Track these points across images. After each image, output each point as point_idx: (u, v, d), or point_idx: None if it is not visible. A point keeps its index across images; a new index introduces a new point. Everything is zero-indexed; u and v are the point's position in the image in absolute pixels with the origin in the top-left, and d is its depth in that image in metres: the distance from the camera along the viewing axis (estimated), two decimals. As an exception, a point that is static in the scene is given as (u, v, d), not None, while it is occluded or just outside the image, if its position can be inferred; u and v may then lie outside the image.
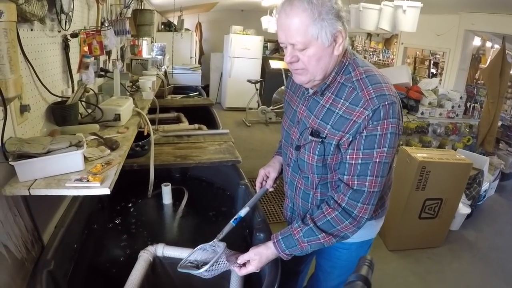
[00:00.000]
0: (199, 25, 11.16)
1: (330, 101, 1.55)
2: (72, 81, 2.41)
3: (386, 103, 1.41)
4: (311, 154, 1.60)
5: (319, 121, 1.57)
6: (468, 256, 4.08)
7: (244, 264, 1.64)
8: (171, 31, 8.65)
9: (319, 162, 1.60)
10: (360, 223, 1.53)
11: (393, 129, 1.44)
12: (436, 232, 4.11)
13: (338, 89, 1.54)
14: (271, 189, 2.05)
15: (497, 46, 6.44)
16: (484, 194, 5.05)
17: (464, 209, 4.44)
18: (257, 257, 1.62)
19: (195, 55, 10.02)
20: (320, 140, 1.56)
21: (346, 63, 1.54)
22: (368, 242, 1.94)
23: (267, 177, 2.03)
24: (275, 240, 1.62)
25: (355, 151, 1.48)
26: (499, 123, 6.36)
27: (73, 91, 2.37)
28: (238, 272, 1.63)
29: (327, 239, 1.55)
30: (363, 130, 1.44)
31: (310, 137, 1.59)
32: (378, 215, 1.84)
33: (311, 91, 1.63)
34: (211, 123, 4.29)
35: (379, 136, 1.43)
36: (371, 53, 11.00)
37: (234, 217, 1.82)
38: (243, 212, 1.85)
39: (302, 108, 1.69)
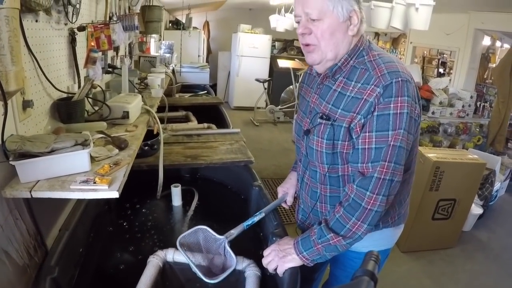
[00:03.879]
0: (207, 24, 11.14)
1: (342, 84, 1.50)
2: (79, 77, 2.32)
3: (400, 79, 1.34)
4: (320, 139, 1.53)
5: (330, 106, 1.51)
6: (481, 257, 4.05)
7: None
8: (179, 29, 8.63)
9: (328, 149, 1.51)
10: (368, 217, 1.41)
11: (408, 108, 1.34)
12: (449, 233, 4.08)
13: (349, 72, 1.49)
14: (289, 204, 2.00)
15: (506, 46, 6.46)
16: (496, 194, 5.03)
17: (476, 209, 4.43)
18: (277, 247, 1.60)
19: (203, 54, 9.97)
20: (330, 122, 1.48)
21: (361, 48, 1.50)
22: (385, 252, 1.83)
23: (287, 193, 1.99)
24: (294, 241, 1.56)
25: (367, 134, 1.39)
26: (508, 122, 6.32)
27: (79, 87, 2.28)
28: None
29: (336, 240, 1.45)
30: (374, 109, 1.36)
31: (319, 120, 1.53)
32: (395, 222, 1.71)
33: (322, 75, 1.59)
34: (220, 122, 4.19)
35: (393, 116, 1.34)
36: (379, 53, 10.91)
37: (248, 221, 1.76)
38: (257, 218, 1.78)
39: (314, 97, 1.64)
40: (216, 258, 1.67)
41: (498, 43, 6.92)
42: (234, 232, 1.69)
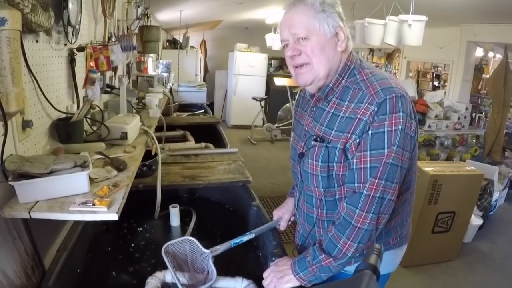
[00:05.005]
0: (204, 43, 11.23)
1: (335, 105, 1.49)
2: (78, 97, 2.32)
3: (393, 95, 1.33)
4: (314, 162, 1.50)
5: (324, 128, 1.49)
6: (483, 268, 4.05)
7: None
8: (177, 48, 8.68)
9: (324, 171, 1.49)
10: (358, 235, 1.39)
11: (402, 125, 1.32)
12: (449, 245, 4.08)
13: (342, 92, 1.48)
14: (282, 229, 1.99)
15: (499, 56, 6.58)
16: (495, 204, 5.05)
17: (476, 220, 4.45)
18: (275, 268, 1.59)
19: (200, 73, 10.01)
20: (324, 144, 1.46)
21: (351, 67, 1.50)
22: (386, 275, 1.80)
23: (281, 218, 1.98)
24: (292, 262, 1.56)
25: (362, 153, 1.37)
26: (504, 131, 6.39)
27: (78, 107, 2.29)
28: None
29: (327, 261, 1.44)
30: (369, 128, 1.34)
31: (313, 142, 1.51)
32: (397, 243, 1.68)
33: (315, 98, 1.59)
34: (218, 142, 4.21)
35: (388, 133, 1.32)
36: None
37: (236, 239, 1.75)
38: (246, 237, 1.77)
39: (308, 120, 1.63)
40: (199, 272, 1.68)
41: (490, 54, 7.04)
42: (220, 248, 1.68)
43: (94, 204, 1.40)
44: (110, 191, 1.53)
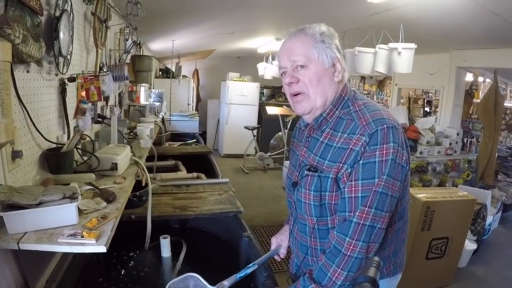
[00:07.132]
0: (196, 72, 11.28)
1: (329, 136, 1.51)
2: (68, 127, 2.32)
3: (385, 126, 1.35)
4: (307, 191, 1.51)
5: (318, 158, 1.51)
6: None
7: None
8: (169, 77, 8.71)
9: (316, 200, 1.50)
10: (347, 263, 1.38)
11: (393, 155, 1.34)
12: (444, 271, 4.02)
13: (336, 123, 1.51)
14: (282, 256, 1.94)
15: (488, 81, 6.65)
16: (489, 227, 5.03)
17: (470, 245, 4.39)
18: None
19: (192, 102, 10.03)
20: (317, 174, 1.48)
21: (345, 98, 1.53)
22: None
23: (280, 245, 1.94)
24: None
25: (353, 183, 1.38)
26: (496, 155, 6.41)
27: (68, 137, 2.27)
28: None
29: None
30: (360, 158, 1.36)
31: (306, 171, 1.53)
32: (391, 272, 1.65)
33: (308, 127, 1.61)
34: (209, 171, 4.20)
35: (379, 163, 1.34)
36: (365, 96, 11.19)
37: (241, 273, 1.69)
38: (250, 269, 1.73)
39: (303, 150, 1.65)
40: None
41: (480, 79, 7.12)
42: (226, 283, 1.63)
43: (82, 236, 1.39)
44: (99, 222, 1.52)
